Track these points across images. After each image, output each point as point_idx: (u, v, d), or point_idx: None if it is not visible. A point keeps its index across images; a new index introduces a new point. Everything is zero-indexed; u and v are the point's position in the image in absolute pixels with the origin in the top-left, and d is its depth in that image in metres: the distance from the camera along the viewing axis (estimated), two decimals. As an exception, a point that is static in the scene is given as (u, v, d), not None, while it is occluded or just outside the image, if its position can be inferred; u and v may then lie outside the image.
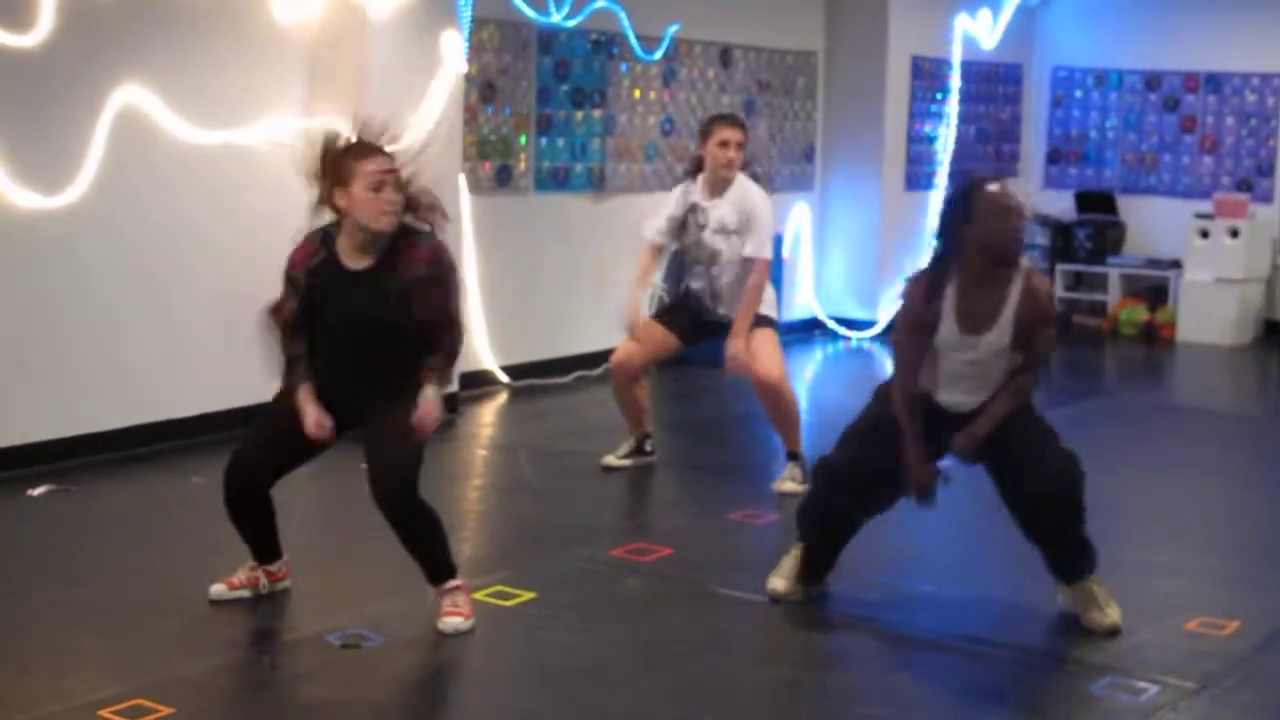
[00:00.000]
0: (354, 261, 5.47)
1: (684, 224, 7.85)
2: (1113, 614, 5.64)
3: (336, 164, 5.39)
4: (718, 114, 8.67)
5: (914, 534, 7.15)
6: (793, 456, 7.74)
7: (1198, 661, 5.38)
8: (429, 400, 5.43)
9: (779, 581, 5.93)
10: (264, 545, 5.83)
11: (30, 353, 7.53)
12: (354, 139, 5.48)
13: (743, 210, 7.69)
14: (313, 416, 5.53)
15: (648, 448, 8.15)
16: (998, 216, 5.49)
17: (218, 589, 5.78)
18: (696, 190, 7.83)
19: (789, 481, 7.63)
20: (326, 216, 5.56)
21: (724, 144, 7.67)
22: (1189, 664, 5.36)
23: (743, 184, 7.75)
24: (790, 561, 5.97)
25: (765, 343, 7.71)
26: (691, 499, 7.76)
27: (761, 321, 7.73)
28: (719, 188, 7.74)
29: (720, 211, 7.72)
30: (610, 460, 8.06)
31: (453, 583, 5.57)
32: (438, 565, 5.57)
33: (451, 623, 5.47)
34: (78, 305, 7.70)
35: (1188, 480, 8.36)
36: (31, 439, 7.56)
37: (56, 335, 7.62)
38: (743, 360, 7.62)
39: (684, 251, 8.03)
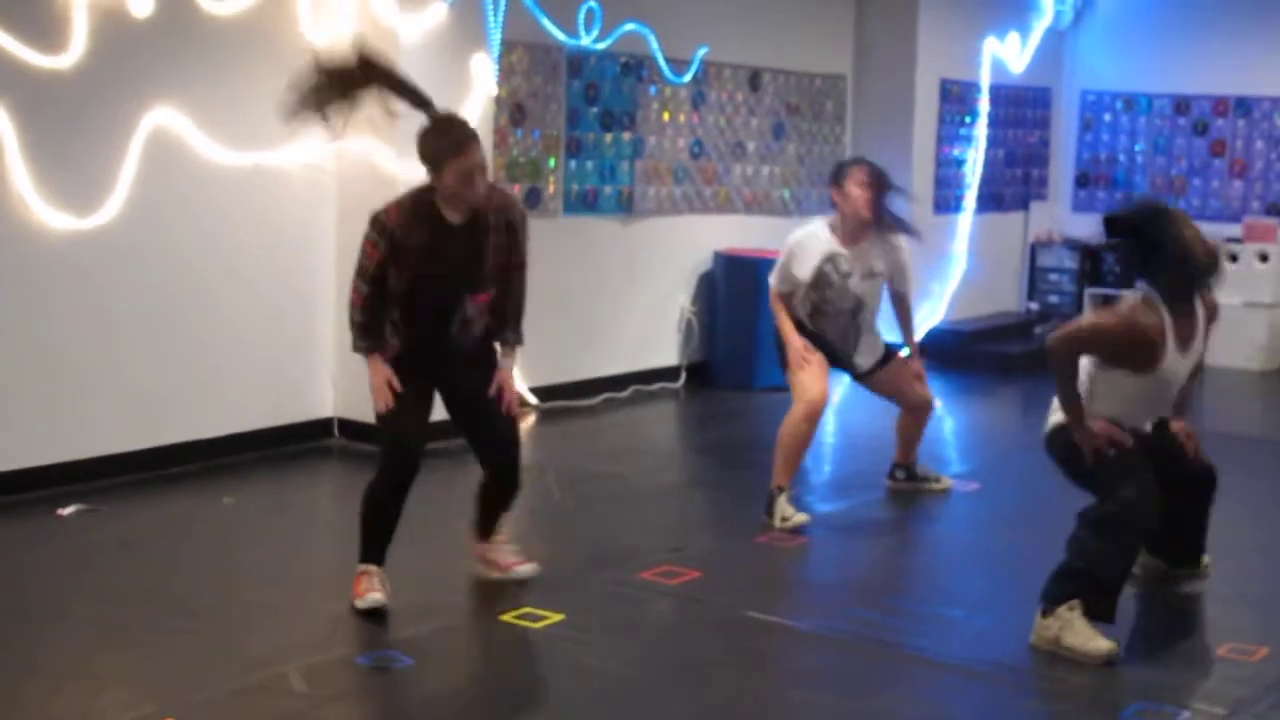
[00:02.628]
0: (451, 216, 5.76)
1: (829, 272, 7.59)
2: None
3: (433, 148, 5.69)
4: (850, 160, 8.16)
5: (943, 558, 7.15)
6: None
7: (1227, 688, 5.36)
8: (508, 373, 6.01)
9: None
10: (388, 542, 6.08)
11: (63, 372, 7.56)
12: (449, 123, 5.77)
13: (890, 252, 7.64)
14: (384, 375, 5.84)
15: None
16: (1195, 235, 5.62)
17: (375, 598, 5.90)
18: (829, 238, 7.59)
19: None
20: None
21: (864, 185, 7.48)
22: (1219, 690, 5.34)
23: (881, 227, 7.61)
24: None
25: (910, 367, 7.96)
26: (719, 522, 7.75)
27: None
28: (860, 234, 7.55)
29: (871, 260, 7.58)
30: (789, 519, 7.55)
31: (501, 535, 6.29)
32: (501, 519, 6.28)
33: (529, 569, 6.25)
34: (109, 325, 7.74)
35: (1217, 506, 8.29)
36: (61, 459, 7.59)
37: (85, 355, 7.66)
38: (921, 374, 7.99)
39: (821, 302, 7.65)
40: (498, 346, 6.02)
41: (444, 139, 5.68)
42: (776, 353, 7.72)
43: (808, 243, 7.57)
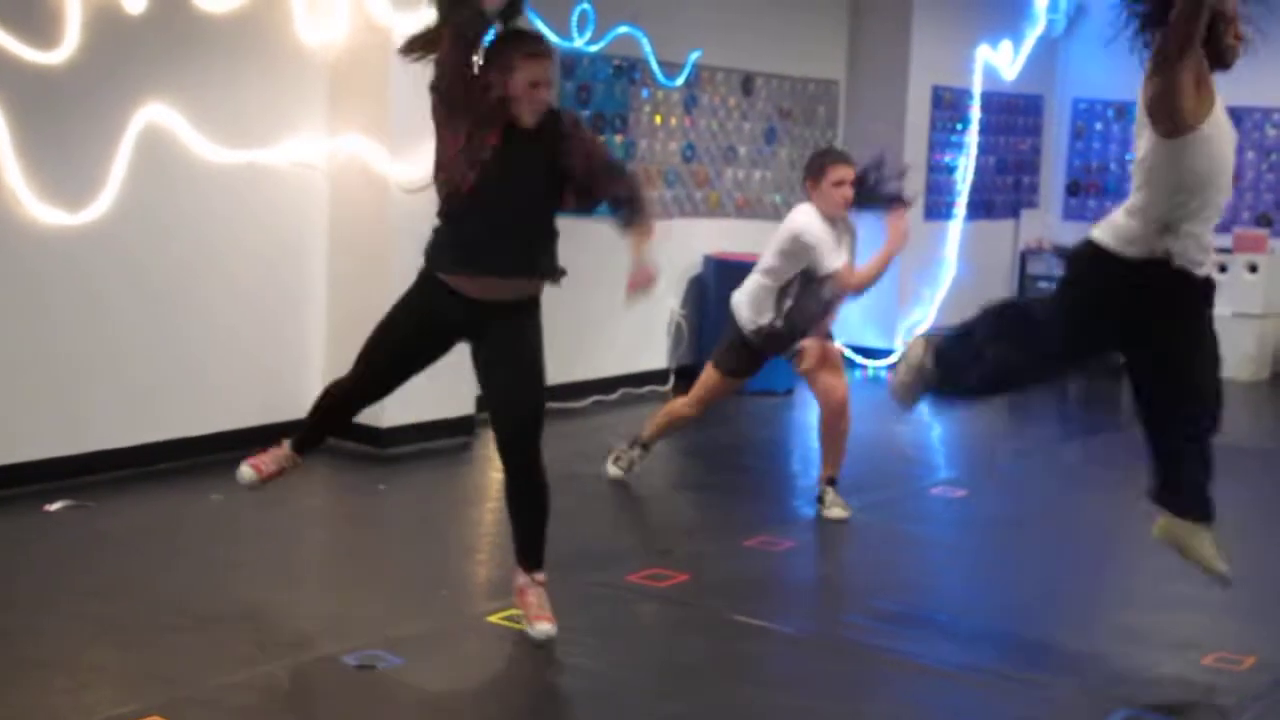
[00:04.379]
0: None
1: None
2: (1222, 565, 5.62)
3: (501, 51, 5.44)
4: (827, 150, 8.06)
5: (930, 561, 7.16)
6: (831, 481, 7.75)
7: (1214, 696, 5.38)
8: (647, 259, 5.70)
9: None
10: (320, 438, 6.08)
11: (50, 368, 7.55)
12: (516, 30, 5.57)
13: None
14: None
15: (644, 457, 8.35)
16: None
17: (248, 474, 6.03)
18: (824, 226, 7.59)
19: (836, 507, 7.65)
20: None
21: (839, 184, 7.49)
22: (1206, 698, 5.35)
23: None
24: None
25: (840, 357, 7.85)
26: (708, 525, 7.75)
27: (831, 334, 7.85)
28: (835, 222, 7.58)
29: (843, 244, 7.62)
30: (613, 471, 8.20)
31: (542, 575, 5.69)
32: (540, 545, 5.71)
33: (545, 629, 5.58)
34: (97, 321, 7.73)
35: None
36: (49, 454, 7.58)
37: (75, 350, 7.65)
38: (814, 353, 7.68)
39: (816, 291, 7.67)
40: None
41: (514, 37, 5.50)
42: (772, 344, 7.75)
43: (823, 234, 7.52)
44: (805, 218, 7.53)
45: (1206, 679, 5.55)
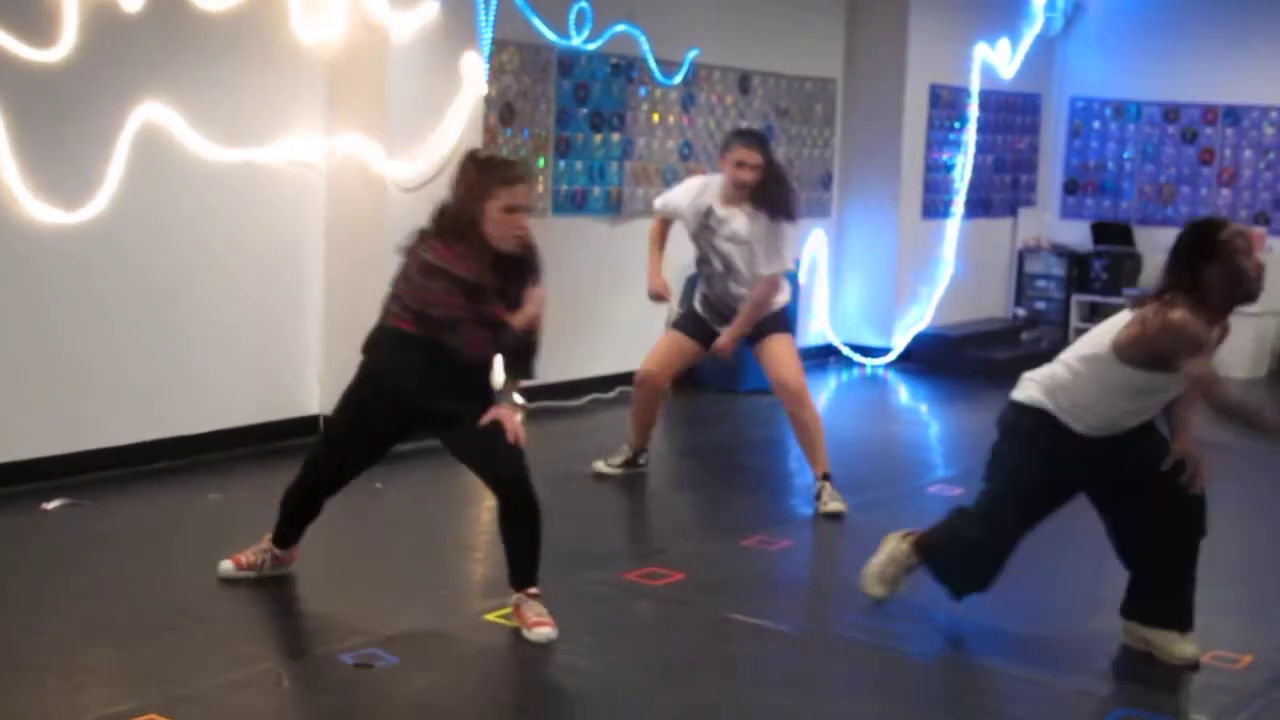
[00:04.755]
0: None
1: (701, 223, 7.89)
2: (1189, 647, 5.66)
3: (478, 179, 5.57)
4: (739, 131, 8.33)
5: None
6: (825, 477, 7.77)
7: (1211, 695, 5.37)
8: (509, 407, 5.84)
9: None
10: (297, 532, 6.12)
11: (46, 366, 7.55)
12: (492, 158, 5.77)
13: (755, 225, 7.73)
14: None
15: (641, 460, 8.31)
16: (1246, 256, 5.46)
17: (226, 567, 6.12)
18: (715, 193, 7.84)
19: (833, 502, 7.67)
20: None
21: (740, 165, 7.66)
22: (1202, 697, 5.36)
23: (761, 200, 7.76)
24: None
25: (787, 347, 7.84)
26: (705, 524, 7.75)
27: (782, 326, 7.84)
28: (736, 199, 7.76)
29: (736, 223, 7.75)
30: (601, 467, 8.19)
31: (534, 589, 5.70)
32: (533, 565, 5.74)
33: (544, 633, 5.61)
34: (95, 320, 7.72)
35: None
36: (46, 453, 7.57)
37: (72, 349, 7.64)
38: (726, 349, 7.88)
39: (702, 258, 8.00)
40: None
41: (490, 164, 5.72)
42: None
43: (701, 187, 7.90)
44: (710, 176, 8.01)
45: (1203, 678, 5.55)
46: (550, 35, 10.04)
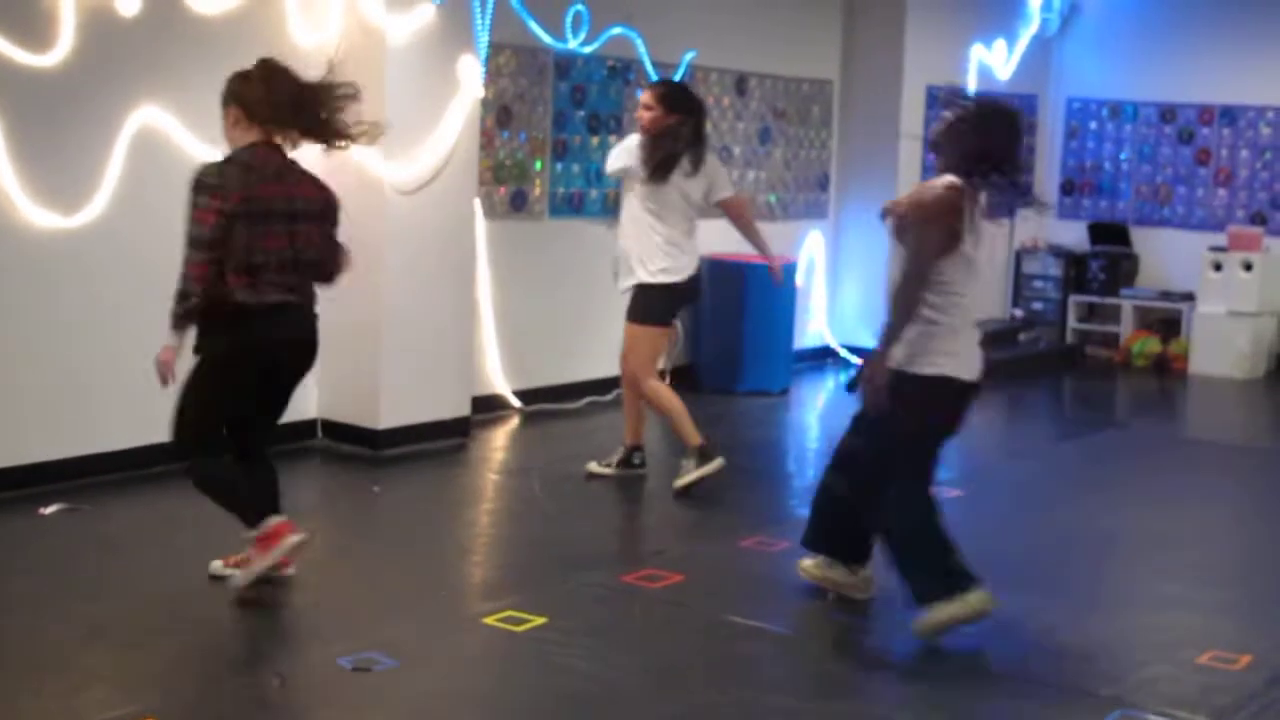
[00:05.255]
0: None
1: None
2: None
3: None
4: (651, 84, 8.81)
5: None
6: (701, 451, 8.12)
7: (1209, 695, 5.37)
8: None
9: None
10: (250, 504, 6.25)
11: (44, 371, 7.54)
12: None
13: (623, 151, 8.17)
14: None
15: (637, 461, 8.29)
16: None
17: (216, 565, 6.30)
18: (635, 148, 8.18)
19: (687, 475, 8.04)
20: None
21: (646, 107, 8.05)
22: (1201, 698, 5.35)
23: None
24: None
25: (631, 333, 8.26)
26: (703, 525, 7.75)
27: (635, 315, 8.21)
28: (649, 150, 8.08)
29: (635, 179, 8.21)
30: (594, 467, 8.22)
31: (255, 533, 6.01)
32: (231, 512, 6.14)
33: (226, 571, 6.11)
34: (92, 324, 7.72)
35: (1200, 513, 8.34)
36: (44, 458, 7.57)
37: (70, 353, 7.64)
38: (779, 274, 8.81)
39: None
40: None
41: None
42: None
43: (630, 145, 8.17)
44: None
45: (1202, 678, 5.55)
46: (547, 38, 10.04)
